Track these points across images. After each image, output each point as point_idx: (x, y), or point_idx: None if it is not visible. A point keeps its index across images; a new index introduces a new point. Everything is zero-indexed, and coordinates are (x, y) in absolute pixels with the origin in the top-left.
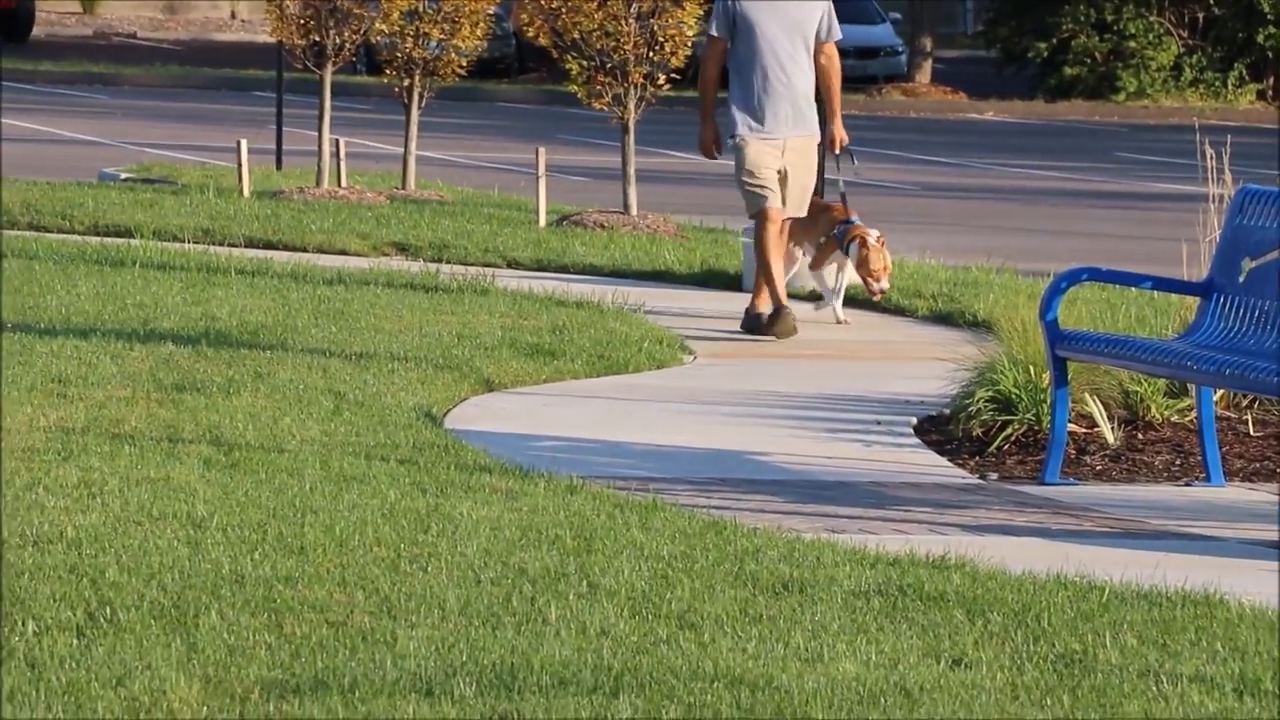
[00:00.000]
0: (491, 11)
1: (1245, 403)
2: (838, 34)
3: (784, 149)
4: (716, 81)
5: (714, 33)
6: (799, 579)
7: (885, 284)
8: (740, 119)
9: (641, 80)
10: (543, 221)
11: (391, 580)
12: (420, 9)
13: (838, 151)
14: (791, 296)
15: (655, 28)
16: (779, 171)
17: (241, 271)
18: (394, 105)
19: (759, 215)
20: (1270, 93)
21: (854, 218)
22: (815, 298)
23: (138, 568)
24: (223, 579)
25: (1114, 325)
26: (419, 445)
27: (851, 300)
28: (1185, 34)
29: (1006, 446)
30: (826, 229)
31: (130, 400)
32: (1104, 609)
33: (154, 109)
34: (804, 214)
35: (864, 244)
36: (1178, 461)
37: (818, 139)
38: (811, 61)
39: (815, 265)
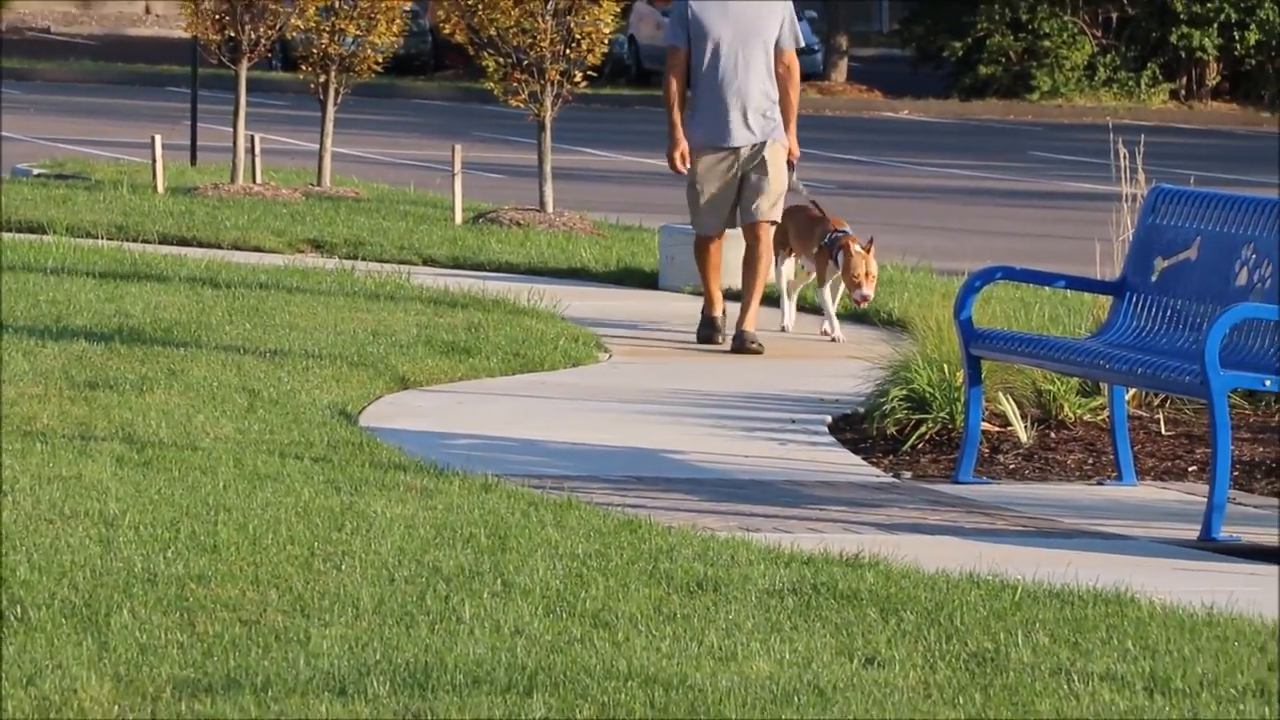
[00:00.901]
0: (407, 8)
1: (1157, 402)
2: (800, 41)
3: (739, 158)
4: (681, 93)
5: (673, 42)
6: (713, 578)
7: (868, 290)
8: (694, 129)
9: (558, 77)
10: (459, 219)
11: (305, 579)
12: (336, 5)
13: (791, 167)
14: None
15: (572, 25)
16: (738, 179)
17: (155, 268)
18: (310, 101)
19: (697, 236)
20: (1183, 93)
21: (846, 228)
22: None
23: (49, 566)
24: (135, 577)
25: (1028, 324)
26: (333, 443)
27: (771, 299)
28: (1099, 33)
29: (921, 445)
30: (819, 240)
31: (42, 398)
32: (1016, 607)
33: (67, 104)
34: (768, 216)
35: (847, 250)
36: (1090, 460)
37: (781, 143)
38: (771, 68)
39: (820, 280)
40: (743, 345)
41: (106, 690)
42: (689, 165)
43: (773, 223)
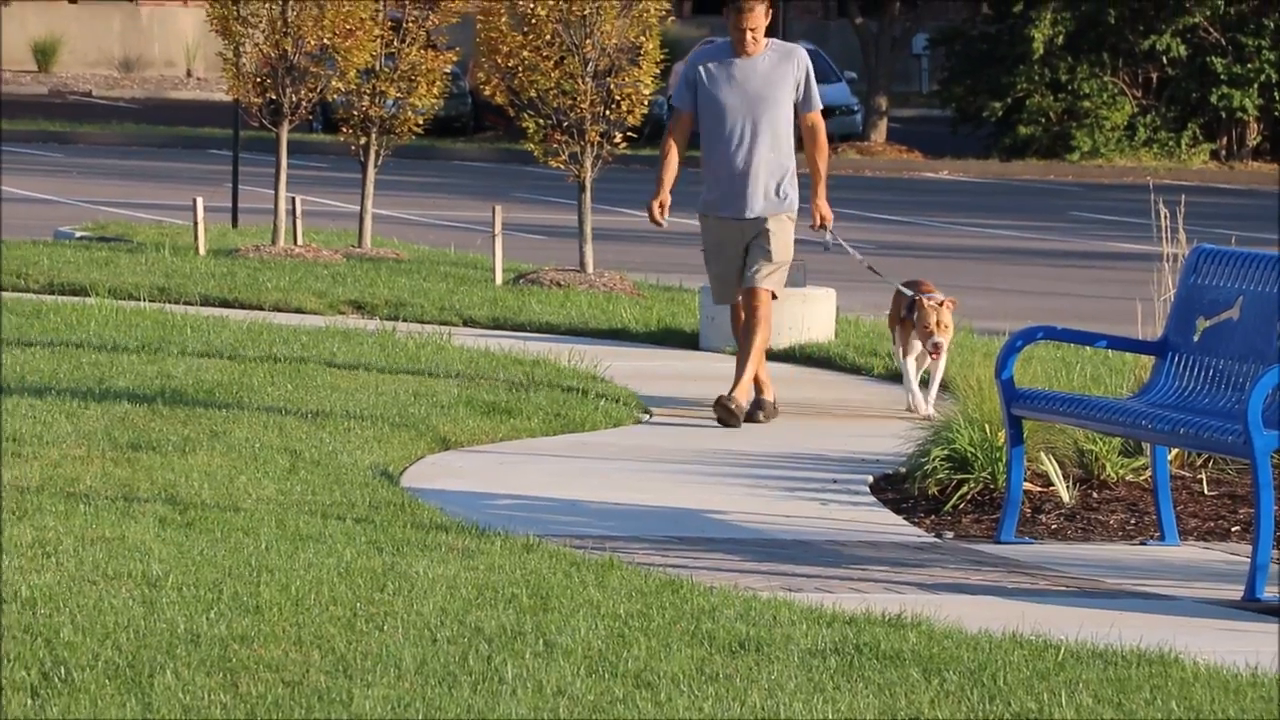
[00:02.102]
0: (448, 70)
1: (1200, 462)
2: (818, 104)
3: (745, 228)
4: (678, 152)
5: (677, 105)
6: (755, 638)
7: (940, 338)
8: (704, 198)
9: (598, 139)
10: (499, 280)
11: (347, 639)
12: (377, 67)
13: (819, 229)
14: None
15: (612, 86)
16: (743, 252)
17: (197, 330)
18: (350, 163)
19: (731, 309)
20: (1223, 153)
21: (930, 294)
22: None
23: (93, 627)
24: (178, 638)
25: (1069, 384)
26: (375, 504)
27: (801, 358)
28: (1139, 94)
29: (962, 505)
30: (900, 309)
31: (85, 459)
32: (1059, 668)
33: (109, 167)
34: (769, 284)
35: (920, 304)
36: (1133, 520)
37: (789, 215)
38: (784, 136)
39: (905, 350)
40: (724, 415)
41: None
42: (702, 227)
43: (771, 292)
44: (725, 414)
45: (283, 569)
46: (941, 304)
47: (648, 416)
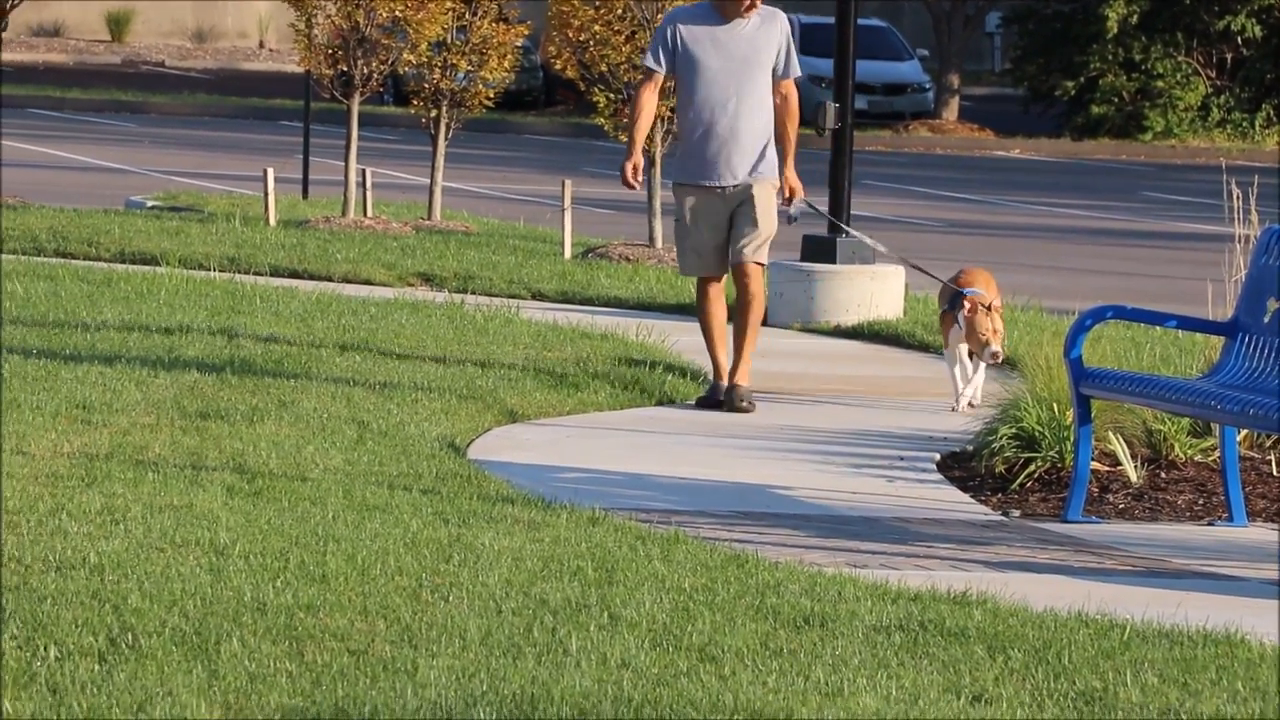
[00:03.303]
0: (519, 44)
1: (1269, 443)
2: (796, 70)
3: (726, 197)
4: (650, 111)
5: (650, 65)
6: (820, 613)
7: (997, 347)
8: (681, 164)
9: (668, 113)
10: (568, 253)
11: (413, 609)
12: (448, 40)
13: (789, 203)
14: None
15: None
16: (726, 220)
17: (266, 300)
18: (421, 136)
19: (697, 282)
20: None
21: (971, 289)
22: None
23: (160, 594)
24: (244, 606)
25: (1138, 364)
26: (442, 475)
27: (870, 335)
28: (1213, 74)
29: (1029, 484)
30: (945, 302)
31: (154, 427)
32: (1125, 647)
33: (181, 137)
34: (756, 257)
35: (972, 309)
36: (1200, 501)
37: (772, 181)
38: (767, 102)
39: (946, 343)
40: (733, 404)
41: (216, 718)
42: (676, 197)
43: (759, 264)
44: (739, 408)
45: (349, 539)
46: (990, 308)
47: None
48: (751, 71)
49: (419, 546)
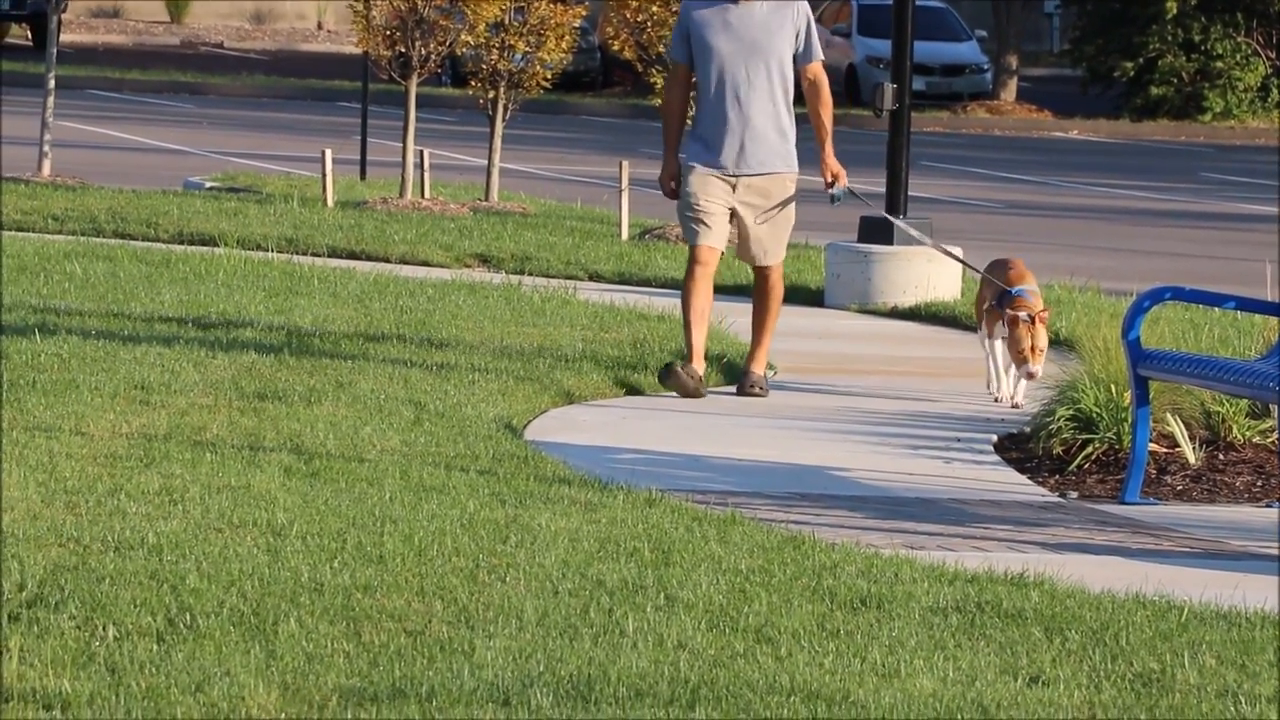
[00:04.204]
0: (577, 25)
1: None
2: (819, 54)
3: (736, 186)
4: (680, 112)
5: (673, 56)
6: (877, 595)
7: (1034, 368)
8: (692, 149)
9: None
10: (625, 235)
11: (470, 590)
12: (506, 21)
13: (831, 190)
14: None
15: None
16: (729, 208)
17: (324, 281)
18: (478, 117)
19: (690, 252)
20: None
21: (1024, 288)
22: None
23: (218, 574)
24: (302, 587)
25: (1196, 345)
26: (498, 456)
27: (927, 316)
28: (1273, 55)
29: (1087, 465)
30: (992, 294)
31: (212, 408)
32: (1183, 629)
33: (240, 118)
34: (774, 260)
35: (1015, 322)
36: (1259, 482)
37: (789, 176)
38: (783, 87)
39: (989, 333)
40: (743, 388)
41: (274, 698)
42: (684, 175)
43: (780, 263)
44: (750, 392)
45: (406, 520)
46: (1035, 321)
47: (772, 372)
48: (765, 56)
49: (476, 527)
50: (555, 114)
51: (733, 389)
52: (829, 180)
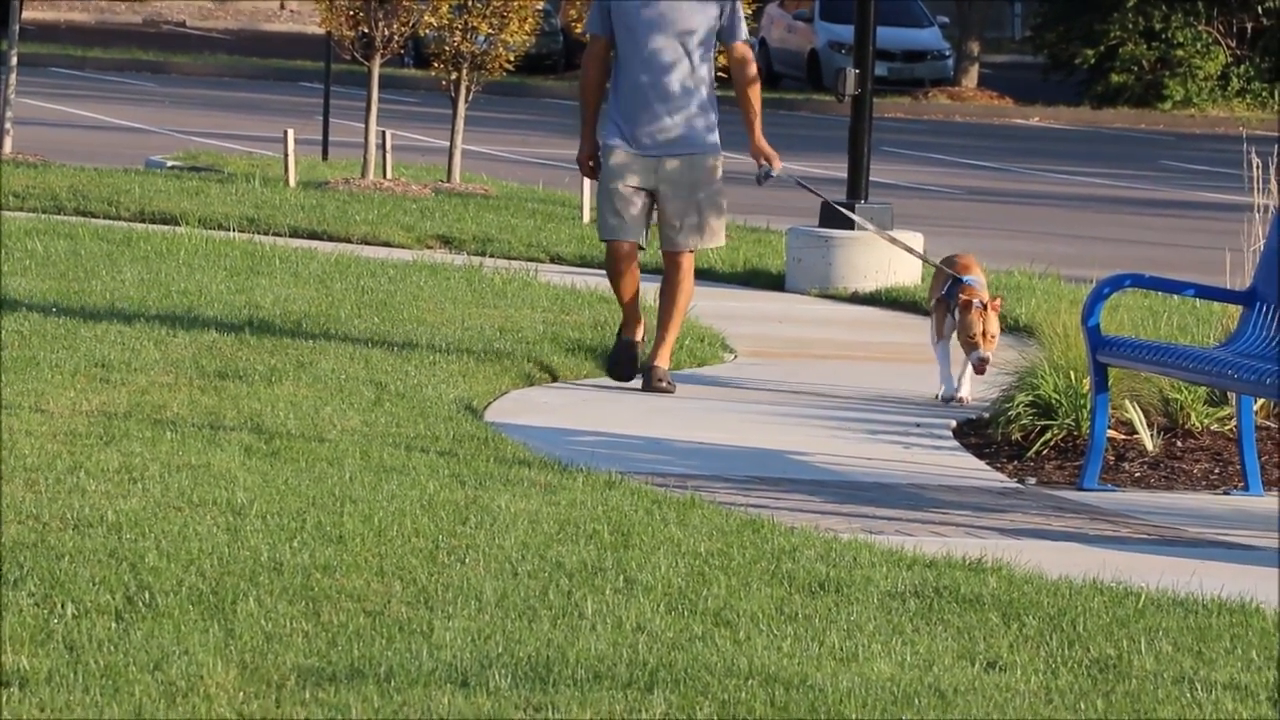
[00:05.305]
0: (540, 7)
1: None
2: (743, 33)
3: (656, 168)
4: (598, 87)
5: (590, 29)
6: (835, 579)
7: (985, 352)
8: (610, 127)
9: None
10: (586, 217)
11: (429, 571)
12: (469, 3)
13: (763, 172)
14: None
15: None
16: (649, 192)
17: (285, 261)
18: (441, 99)
19: (606, 247)
20: None
21: (971, 277)
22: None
23: (177, 553)
24: (261, 566)
25: (1156, 332)
26: (459, 437)
27: (887, 301)
28: (1233, 44)
29: (1045, 451)
30: (942, 285)
31: (173, 386)
32: (1139, 615)
33: (202, 97)
34: (713, 242)
35: (967, 306)
36: (1216, 470)
37: (711, 156)
38: (704, 66)
39: (939, 332)
40: (650, 384)
41: (232, 677)
42: (603, 159)
43: (691, 251)
44: (657, 387)
45: (366, 500)
46: (986, 308)
47: (732, 356)
48: (686, 35)
49: (436, 508)
50: (518, 96)
51: (690, 372)
52: (761, 163)
